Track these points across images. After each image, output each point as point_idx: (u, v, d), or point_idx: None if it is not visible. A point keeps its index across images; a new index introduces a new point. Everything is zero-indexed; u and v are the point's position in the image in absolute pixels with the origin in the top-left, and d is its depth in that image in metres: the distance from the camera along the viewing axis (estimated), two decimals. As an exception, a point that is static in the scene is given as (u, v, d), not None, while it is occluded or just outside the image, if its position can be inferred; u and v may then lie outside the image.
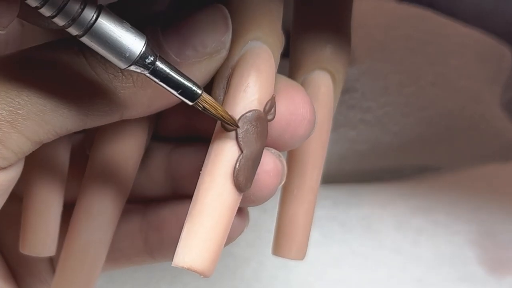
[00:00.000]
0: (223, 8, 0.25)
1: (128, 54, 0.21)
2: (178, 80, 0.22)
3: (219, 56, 0.25)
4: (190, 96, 0.22)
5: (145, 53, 0.21)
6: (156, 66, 0.22)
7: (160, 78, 0.22)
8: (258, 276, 0.42)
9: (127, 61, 0.21)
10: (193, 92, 0.22)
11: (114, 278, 0.42)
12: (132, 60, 0.21)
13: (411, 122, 0.45)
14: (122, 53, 0.21)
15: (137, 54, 0.21)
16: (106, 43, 0.21)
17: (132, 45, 0.21)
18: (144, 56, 0.21)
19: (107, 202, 0.28)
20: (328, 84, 0.29)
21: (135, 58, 0.21)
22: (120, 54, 0.21)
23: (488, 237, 0.44)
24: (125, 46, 0.21)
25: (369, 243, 0.44)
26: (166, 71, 0.22)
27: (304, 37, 0.29)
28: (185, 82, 0.22)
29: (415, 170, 0.47)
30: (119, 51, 0.21)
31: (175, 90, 0.22)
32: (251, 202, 0.26)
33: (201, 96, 0.23)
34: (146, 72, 0.22)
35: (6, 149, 0.23)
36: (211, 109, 0.23)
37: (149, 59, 0.21)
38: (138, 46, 0.21)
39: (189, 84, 0.22)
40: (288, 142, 0.26)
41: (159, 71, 0.22)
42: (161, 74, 0.22)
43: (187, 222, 0.23)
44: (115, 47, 0.21)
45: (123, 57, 0.21)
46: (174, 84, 0.22)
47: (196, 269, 0.22)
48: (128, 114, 0.25)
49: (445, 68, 0.45)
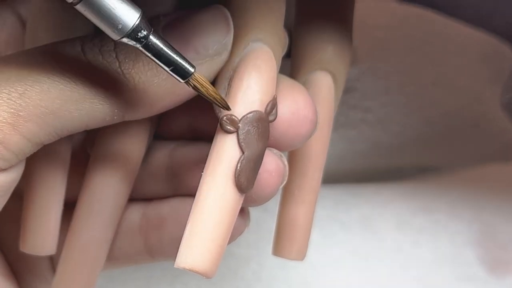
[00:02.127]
0: (224, 9, 0.25)
1: (121, 26, 0.21)
2: (171, 57, 0.22)
3: (220, 58, 0.25)
4: (182, 74, 0.23)
5: (138, 26, 0.21)
6: (150, 40, 0.22)
7: (152, 53, 0.22)
8: (258, 276, 0.42)
9: (119, 32, 0.21)
10: (185, 70, 0.23)
11: (114, 278, 0.42)
12: (124, 32, 0.21)
13: (411, 122, 0.45)
14: (115, 24, 0.21)
15: (130, 27, 0.21)
16: (100, 13, 0.21)
17: (126, 17, 0.21)
18: (138, 29, 0.21)
19: (108, 200, 0.28)
20: (329, 85, 0.29)
21: (128, 30, 0.21)
22: (113, 25, 0.21)
23: (488, 237, 0.44)
24: (119, 17, 0.21)
25: (369, 243, 0.44)
26: (160, 46, 0.22)
27: (305, 38, 0.29)
28: (178, 59, 0.22)
29: (416, 170, 0.47)
30: (112, 22, 0.21)
31: (167, 66, 0.22)
32: (253, 202, 0.26)
33: (193, 74, 0.23)
34: (139, 46, 0.22)
35: (7, 151, 0.23)
36: (202, 89, 0.23)
37: (142, 33, 0.22)
38: (132, 19, 0.21)
39: (182, 62, 0.22)
40: (290, 143, 0.26)
41: (152, 45, 0.22)
42: (154, 49, 0.22)
43: (189, 223, 0.23)
44: (109, 18, 0.21)
45: (116, 28, 0.21)
46: (166, 60, 0.22)
47: (198, 270, 0.23)
48: (129, 116, 0.25)
49: (446, 68, 0.45)
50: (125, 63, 0.24)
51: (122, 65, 0.24)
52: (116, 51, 0.24)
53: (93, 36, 0.25)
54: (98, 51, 0.24)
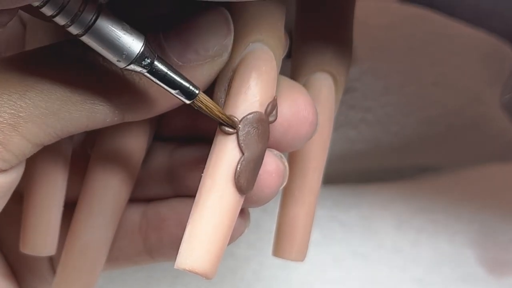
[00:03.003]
0: (224, 11, 0.25)
1: (126, 54, 0.22)
2: (176, 80, 0.23)
3: (221, 59, 0.25)
4: (187, 95, 0.23)
5: (143, 53, 0.22)
6: (155, 66, 0.22)
7: (158, 78, 0.23)
8: (258, 276, 0.42)
9: (125, 61, 0.22)
10: (190, 92, 0.23)
11: (114, 278, 0.42)
12: (130, 60, 0.22)
13: (411, 122, 0.45)
14: (121, 53, 0.22)
15: (135, 54, 0.22)
16: (105, 43, 0.22)
17: (131, 45, 0.22)
18: (143, 56, 0.22)
19: (108, 201, 0.28)
20: (329, 86, 0.29)
21: (133, 58, 0.22)
22: (119, 54, 0.22)
23: (488, 237, 0.44)
24: (124, 46, 0.22)
25: (369, 243, 0.44)
26: (164, 71, 0.23)
27: (306, 39, 0.29)
28: (182, 82, 0.23)
29: (416, 170, 0.47)
30: (117, 51, 0.22)
31: (172, 89, 0.23)
32: (253, 203, 0.26)
33: (198, 95, 0.23)
34: (145, 72, 0.22)
35: (7, 152, 0.23)
36: (207, 109, 0.23)
37: (147, 59, 0.22)
38: (137, 47, 0.22)
39: (186, 84, 0.23)
40: (290, 144, 0.26)
41: (158, 70, 0.23)
42: (160, 73, 0.23)
43: (189, 224, 0.23)
44: (114, 47, 0.22)
45: (121, 57, 0.22)
46: (172, 83, 0.23)
47: (199, 271, 0.23)
48: (130, 117, 0.25)
49: (446, 68, 0.45)
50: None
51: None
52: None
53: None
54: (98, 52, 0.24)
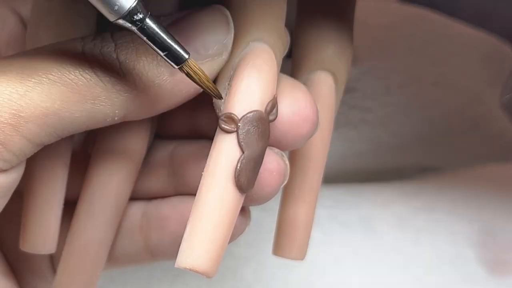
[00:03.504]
0: (224, 9, 0.25)
1: (118, 7, 0.21)
2: (166, 41, 0.22)
3: (221, 58, 0.25)
4: (176, 60, 0.23)
5: (135, 8, 0.22)
6: (146, 23, 0.22)
7: (147, 37, 0.22)
8: (258, 275, 0.42)
9: (116, 13, 0.22)
10: (179, 56, 0.23)
11: (114, 278, 0.42)
12: (121, 13, 0.22)
13: (412, 122, 0.45)
14: (112, 5, 0.21)
15: (127, 9, 0.22)
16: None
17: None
18: (134, 11, 0.22)
19: (109, 200, 0.28)
20: (330, 85, 0.29)
21: (124, 11, 0.22)
22: (110, 6, 0.21)
23: (488, 237, 0.44)
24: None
25: (370, 242, 0.44)
26: (155, 30, 0.22)
27: (306, 37, 0.29)
28: (173, 44, 0.23)
29: (416, 170, 0.47)
30: (109, 2, 0.21)
31: (162, 51, 0.22)
32: (254, 201, 0.26)
33: (187, 61, 0.23)
34: (134, 28, 0.22)
35: (8, 152, 0.23)
36: (195, 76, 0.23)
37: (138, 16, 0.22)
38: (129, 1, 0.22)
39: (176, 47, 0.23)
40: (291, 142, 0.26)
41: (148, 29, 0.22)
42: (149, 32, 0.22)
43: (190, 223, 0.23)
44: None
45: (112, 9, 0.21)
46: (161, 44, 0.22)
47: (199, 270, 0.23)
48: (130, 116, 0.25)
49: (446, 68, 0.45)
50: (126, 64, 0.24)
51: (123, 66, 0.24)
52: (117, 52, 0.24)
53: (94, 37, 0.25)
54: (99, 52, 0.24)
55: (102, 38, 0.24)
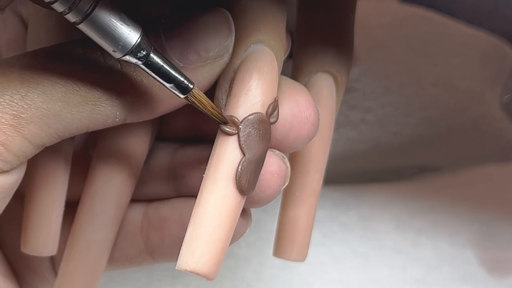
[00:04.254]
0: (225, 12, 0.25)
1: (122, 45, 0.22)
2: (171, 74, 0.23)
3: (222, 61, 0.25)
4: (181, 90, 0.23)
5: (139, 45, 0.22)
6: (150, 58, 0.22)
7: (153, 70, 0.23)
8: (258, 276, 0.42)
9: (121, 51, 0.22)
10: (184, 87, 0.23)
11: (114, 278, 0.42)
12: (126, 50, 0.22)
13: (411, 122, 0.45)
14: (117, 43, 0.22)
15: (131, 46, 0.22)
16: (102, 32, 0.22)
17: (127, 36, 0.22)
18: (139, 47, 0.22)
19: (110, 201, 0.28)
20: (330, 87, 0.29)
21: (129, 49, 0.22)
22: (115, 44, 0.22)
23: (488, 237, 0.44)
24: (120, 36, 0.22)
25: (369, 243, 0.44)
26: (160, 63, 0.23)
27: (307, 39, 0.29)
28: (177, 76, 0.23)
29: (416, 170, 0.47)
30: (114, 41, 0.22)
31: (167, 83, 0.23)
32: (255, 203, 0.26)
33: (192, 91, 0.23)
34: (140, 64, 0.22)
35: (9, 153, 0.23)
36: (200, 104, 0.23)
37: (143, 51, 0.22)
38: (133, 38, 0.22)
39: (181, 78, 0.23)
40: (292, 144, 0.26)
41: (153, 63, 0.23)
42: (155, 66, 0.23)
43: (190, 225, 0.23)
44: (111, 37, 0.22)
45: (117, 47, 0.22)
46: (166, 77, 0.23)
47: (200, 272, 0.23)
48: (131, 118, 0.25)
49: (446, 68, 0.45)
50: (127, 65, 0.24)
51: (124, 67, 0.24)
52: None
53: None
54: (99, 54, 0.24)
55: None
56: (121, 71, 0.24)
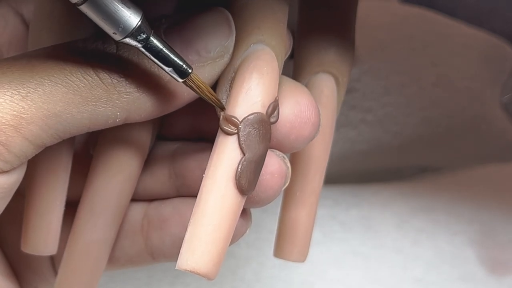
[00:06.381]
0: (225, 11, 0.25)
1: (123, 27, 0.22)
2: (170, 57, 0.23)
3: (222, 61, 0.25)
4: (180, 74, 0.23)
5: (140, 27, 0.22)
6: (150, 41, 0.23)
7: (152, 54, 0.23)
8: (258, 276, 0.42)
9: (121, 34, 0.22)
10: (183, 71, 0.23)
11: (114, 278, 0.42)
12: (126, 33, 0.22)
13: (412, 122, 0.45)
14: (117, 25, 0.22)
15: (131, 28, 0.22)
16: (103, 14, 0.22)
17: (128, 19, 0.22)
18: (139, 30, 0.22)
19: (110, 201, 0.28)
20: (331, 87, 0.29)
21: (129, 31, 0.22)
22: (115, 27, 0.22)
23: (488, 237, 0.44)
24: (121, 19, 0.22)
25: (370, 242, 0.44)
26: (159, 47, 0.23)
27: (308, 39, 0.29)
28: (176, 59, 0.23)
29: (416, 170, 0.48)
30: (115, 23, 0.22)
31: (166, 66, 0.23)
32: (255, 203, 0.26)
33: (191, 75, 0.23)
34: (140, 46, 0.23)
35: (9, 153, 0.23)
36: (198, 89, 0.24)
37: (143, 34, 0.22)
38: (134, 21, 0.22)
39: (180, 62, 0.23)
40: (293, 144, 0.26)
41: (153, 46, 0.23)
42: (154, 49, 0.23)
43: (190, 225, 0.23)
44: (111, 19, 0.22)
45: (117, 30, 0.22)
46: (166, 60, 0.23)
47: (200, 272, 0.23)
48: (131, 119, 0.25)
49: (446, 68, 0.45)
50: (128, 66, 0.24)
51: (125, 68, 0.24)
52: (119, 54, 0.24)
53: (95, 39, 0.25)
54: (100, 54, 0.24)
55: (104, 40, 0.24)
56: (122, 72, 0.24)
